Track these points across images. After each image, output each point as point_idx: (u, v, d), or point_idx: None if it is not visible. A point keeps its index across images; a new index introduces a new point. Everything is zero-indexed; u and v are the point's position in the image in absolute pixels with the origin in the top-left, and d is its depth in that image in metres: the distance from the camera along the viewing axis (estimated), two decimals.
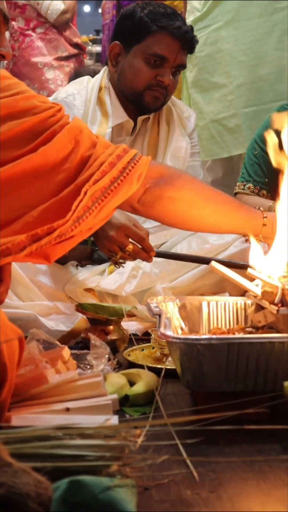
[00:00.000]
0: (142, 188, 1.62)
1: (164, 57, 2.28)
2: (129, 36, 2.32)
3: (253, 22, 3.05)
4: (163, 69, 2.30)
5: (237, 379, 1.30)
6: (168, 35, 2.28)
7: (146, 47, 2.29)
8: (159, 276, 2.16)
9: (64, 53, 4.11)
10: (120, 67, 2.36)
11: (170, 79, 2.30)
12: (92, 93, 2.38)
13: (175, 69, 2.34)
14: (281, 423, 1.22)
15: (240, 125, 3.09)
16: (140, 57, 2.30)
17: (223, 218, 1.74)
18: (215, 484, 1.07)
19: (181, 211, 1.70)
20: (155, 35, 2.29)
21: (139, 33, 2.30)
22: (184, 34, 2.30)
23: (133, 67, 2.31)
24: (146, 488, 1.04)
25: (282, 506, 1.00)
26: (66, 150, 1.49)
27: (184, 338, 1.31)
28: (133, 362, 1.70)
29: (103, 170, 1.50)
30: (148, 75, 2.30)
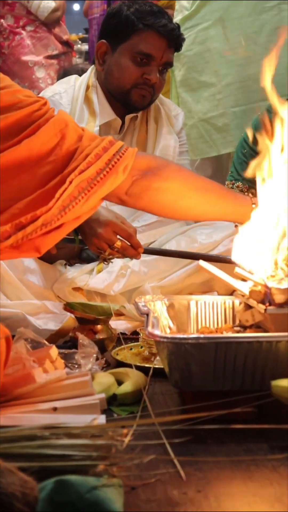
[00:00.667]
0: (130, 180, 1.63)
1: (150, 55, 2.28)
2: (115, 34, 2.32)
3: (242, 21, 3.05)
4: (150, 67, 2.29)
5: (225, 378, 1.30)
6: (154, 33, 2.28)
7: (132, 45, 2.29)
8: (148, 275, 2.16)
9: (54, 51, 4.09)
10: (107, 65, 2.36)
11: (157, 77, 2.30)
12: (79, 92, 2.38)
13: (162, 67, 2.33)
14: (268, 423, 1.22)
15: (228, 124, 3.09)
16: (127, 55, 2.30)
17: (211, 206, 1.75)
18: (202, 484, 1.07)
19: (169, 201, 1.70)
20: (142, 34, 2.29)
21: (126, 31, 2.30)
22: (170, 32, 2.30)
23: (120, 65, 2.31)
24: (133, 487, 1.04)
25: (268, 505, 1.00)
26: (51, 143, 1.50)
27: (171, 337, 1.31)
28: (121, 361, 1.70)
29: (89, 161, 1.51)
30: (135, 73, 2.29)
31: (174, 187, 1.68)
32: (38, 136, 1.49)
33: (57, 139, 1.51)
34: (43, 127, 1.50)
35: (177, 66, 3.21)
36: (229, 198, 1.75)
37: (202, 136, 3.17)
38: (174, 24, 2.38)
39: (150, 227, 2.32)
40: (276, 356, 1.29)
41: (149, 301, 1.61)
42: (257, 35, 3.05)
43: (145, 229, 2.31)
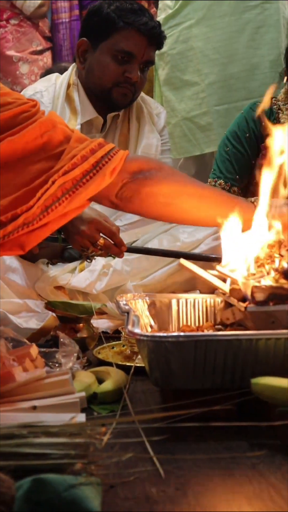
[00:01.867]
0: (120, 183, 1.61)
1: (131, 53, 2.28)
2: (96, 32, 2.32)
3: (225, 20, 3.06)
4: (131, 66, 2.29)
5: (205, 376, 1.30)
6: (135, 31, 2.28)
7: (113, 43, 2.29)
8: (130, 274, 2.16)
9: (38, 46, 4.07)
10: (87, 64, 2.36)
11: (138, 76, 2.30)
12: (60, 90, 2.38)
13: (143, 65, 2.34)
14: (248, 421, 1.22)
15: (211, 123, 3.09)
16: (108, 53, 2.30)
17: (205, 212, 1.69)
18: (180, 482, 1.07)
19: (160, 205, 1.67)
20: (122, 31, 2.29)
21: (106, 29, 2.29)
22: (151, 30, 2.30)
23: (101, 63, 2.31)
24: (111, 485, 1.04)
25: (246, 502, 1.00)
26: (36, 142, 1.49)
27: (151, 335, 1.31)
28: (103, 360, 1.69)
29: (74, 163, 1.50)
30: (116, 71, 2.30)
31: (165, 191, 1.64)
32: (22, 135, 1.48)
33: (42, 140, 1.50)
34: (29, 127, 1.49)
35: (161, 65, 3.21)
36: (227, 205, 1.65)
37: (185, 135, 3.17)
38: (155, 22, 2.38)
39: (132, 226, 2.32)
40: (256, 354, 1.29)
41: (130, 300, 1.61)
42: (240, 34, 3.06)
43: (128, 227, 2.31)
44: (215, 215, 1.59)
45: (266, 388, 1.22)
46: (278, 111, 2.58)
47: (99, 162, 1.53)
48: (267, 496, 1.02)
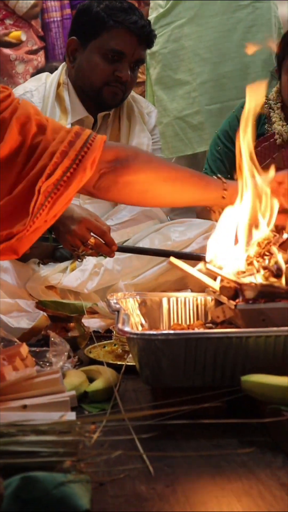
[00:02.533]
0: (97, 174, 1.59)
1: (121, 52, 2.28)
2: (86, 31, 2.32)
3: (216, 19, 3.06)
4: (121, 65, 2.29)
5: (195, 374, 1.30)
6: (125, 30, 2.28)
7: (103, 42, 2.29)
8: (121, 273, 2.16)
9: (34, 46, 4.06)
10: (77, 63, 2.36)
11: (128, 75, 2.30)
12: (50, 89, 2.37)
13: (134, 64, 2.33)
14: (239, 418, 1.22)
15: (203, 122, 3.09)
16: (98, 52, 2.30)
17: (180, 195, 1.73)
18: (170, 479, 1.07)
19: (137, 193, 1.68)
20: (112, 30, 2.28)
21: (96, 28, 2.29)
22: (141, 28, 2.30)
23: (91, 62, 2.31)
24: (101, 483, 1.04)
25: (236, 499, 1.00)
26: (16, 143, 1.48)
27: (141, 334, 1.31)
28: (94, 359, 1.69)
29: (55, 162, 1.48)
30: (106, 70, 2.29)
31: (142, 179, 1.65)
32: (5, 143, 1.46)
33: (21, 138, 1.49)
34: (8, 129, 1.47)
35: (152, 64, 3.21)
36: (199, 185, 1.71)
37: (177, 134, 3.17)
38: (145, 20, 2.37)
39: (123, 225, 2.32)
40: (246, 352, 1.29)
41: (121, 299, 1.61)
42: (231, 33, 3.06)
43: (119, 227, 2.31)
44: (188, 196, 1.71)
45: (256, 386, 1.23)
46: (269, 110, 2.57)
47: (79, 154, 1.50)
48: (256, 493, 1.02)
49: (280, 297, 1.37)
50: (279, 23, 3.19)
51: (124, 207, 2.38)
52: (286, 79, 2.47)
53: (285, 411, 1.18)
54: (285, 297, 1.37)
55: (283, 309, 1.36)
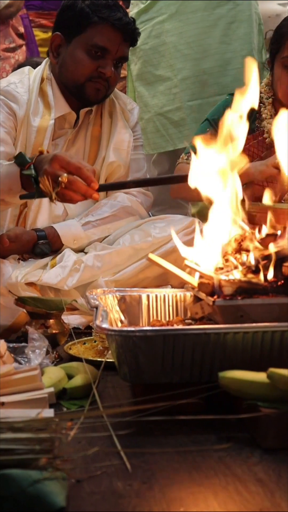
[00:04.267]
0: None
1: (105, 48, 2.27)
2: (70, 27, 2.31)
3: (197, 15, 3.05)
4: (105, 61, 2.28)
5: (173, 370, 1.30)
6: (109, 26, 2.27)
7: (87, 38, 2.28)
8: (102, 270, 2.16)
9: (11, 44, 4.03)
10: (61, 58, 2.34)
11: (111, 71, 2.29)
12: (34, 84, 2.36)
13: (117, 61, 2.32)
14: (217, 414, 1.22)
15: (185, 119, 3.09)
16: (82, 48, 2.28)
17: None
18: (147, 475, 1.07)
19: None
20: (96, 26, 2.27)
21: (80, 24, 2.28)
22: (125, 25, 2.29)
23: (74, 58, 2.29)
24: (78, 480, 1.04)
25: (212, 495, 1.01)
26: None
27: (119, 330, 1.31)
28: (74, 355, 1.69)
29: None
30: (90, 66, 2.28)
31: None
32: None
33: None
34: None
35: (133, 60, 3.20)
36: None
37: (158, 130, 3.16)
38: (130, 18, 2.37)
39: (104, 221, 2.32)
40: (224, 348, 1.30)
41: (100, 295, 1.61)
42: (212, 29, 3.06)
43: (99, 223, 2.30)
44: None
45: (233, 382, 1.23)
46: (260, 105, 2.55)
47: None
48: (232, 488, 1.03)
49: (258, 293, 1.38)
50: (260, 19, 3.20)
51: (105, 203, 2.38)
52: (279, 72, 2.46)
53: (262, 407, 1.18)
54: (263, 293, 1.38)
55: (261, 305, 1.36)
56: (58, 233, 2.27)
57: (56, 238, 2.27)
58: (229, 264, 1.43)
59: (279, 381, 1.18)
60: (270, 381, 1.19)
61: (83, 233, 2.29)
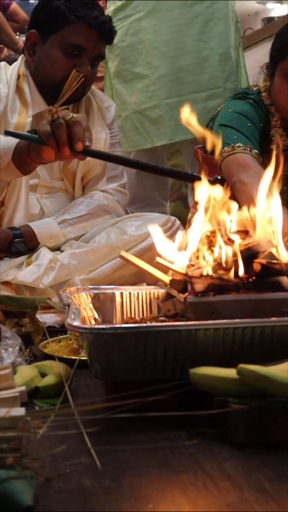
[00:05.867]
0: None
1: (81, 47, 2.27)
2: (46, 25, 2.30)
3: (174, 13, 3.06)
4: (81, 60, 2.28)
5: (145, 368, 1.30)
6: (85, 25, 2.27)
7: (63, 36, 2.28)
8: (77, 268, 2.16)
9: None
10: (37, 56, 2.34)
11: (88, 70, 2.29)
12: (11, 80, 2.35)
13: (94, 59, 2.32)
14: (189, 410, 1.23)
15: (162, 116, 3.10)
16: (58, 47, 2.28)
17: None
18: (117, 473, 1.07)
19: None
20: (72, 25, 2.27)
21: (56, 22, 2.28)
22: (102, 24, 2.29)
23: (51, 57, 2.29)
24: (47, 478, 1.04)
25: (180, 491, 1.01)
26: None
27: (90, 328, 1.31)
28: (48, 354, 1.69)
29: None
30: (66, 65, 2.28)
31: None
32: None
33: None
34: None
35: (111, 58, 3.21)
36: None
37: (136, 128, 3.17)
38: (106, 16, 2.37)
39: (81, 219, 2.32)
40: (195, 345, 1.30)
41: (74, 293, 1.61)
42: (189, 27, 3.07)
43: (76, 221, 2.31)
44: None
45: (204, 378, 1.23)
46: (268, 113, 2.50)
47: None
48: (201, 484, 1.03)
49: (229, 290, 1.38)
50: (237, 17, 3.21)
51: (81, 201, 2.38)
52: (280, 82, 2.40)
53: (232, 403, 1.18)
54: (234, 289, 1.38)
55: (232, 302, 1.37)
56: (34, 231, 2.27)
57: (32, 237, 2.27)
58: (201, 261, 1.43)
59: (248, 377, 1.18)
60: (240, 377, 1.20)
61: (60, 231, 2.29)
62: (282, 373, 1.18)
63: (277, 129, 2.44)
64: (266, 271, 1.41)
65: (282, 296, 1.39)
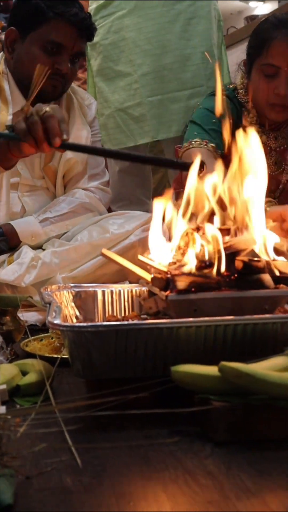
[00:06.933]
0: None
1: (61, 44, 2.26)
2: (25, 22, 2.29)
3: (157, 11, 3.05)
4: (61, 57, 2.27)
5: (127, 365, 1.30)
6: (64, 22, 2.26)
7: (42, 34, 2.26)
8: (59, 266, 2.15)
9: None
10: (16, 54, 2.33)
11: (68, 67, 2.28)
12: None
13: (73, 57, 2.31)
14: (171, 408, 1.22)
15: (145, 114, 3.08)
16: (37, 44, 2.27)
17: None
18: (97, 470, 1.07)
19: None
20: (52, 22, 2.26)
21: (35, 19, 2.27)
22: (81, 21, 2.28)
23: (30, 54, 2.28)
24: (27, 477, 1.03)
25: (161, 488, 1.01)
26: None
27: (71, 326, 1.31)
28: (30, 352, 1.68)
29: None
30: (45, 63, 2.26)
31: None
32: None
33: None
34: None
35: (93, 55, 3.19)
36: None
37: (119, 126, 3.16)
38: (86, 13, 2.36)
39: (62, 218, 2.31)
40: (176, 342, 1.30)
41: (55, 291, 1.60)
42: (172, 25, 3.06)
43: (58, 219, 2.30)
44: None
45: (185, 376, 1.23)
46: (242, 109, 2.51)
47: None
48: (182, 481, 1.03)
49: (211, 288, 1.38)
50: (219, 16, 3.21)
51: (63, 199, 2.37)
52: (257, 78, 2.42)
53: (214, 400, 1.18)
54: (216, 287, 1.38)
55: (214, 299, 1.37)
56: (15, 230, 2.26)
57: (14, 235, 2.26)
58: (183, 258, 1.43)
59: (230, 374, 1.18)
60: (221, 374, 1.20)
61: (41, 229, 2.28)
62: (263, 371, 1.18)
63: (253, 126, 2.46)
64: (248, 268, 1.41)
65: (264, 294, 1.40)
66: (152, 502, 0.97)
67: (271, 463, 1.08)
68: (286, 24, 2.39)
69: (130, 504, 0.96)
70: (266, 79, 2.39)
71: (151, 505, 0.96)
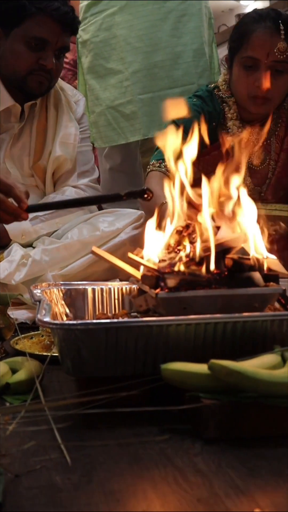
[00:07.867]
0: None
1: (45, 39, 2.25)
2: (7, 19, 2.28)
3: (148, 8, 3.05)
4: (45, 53, 2.26)
5: (117, 363, 1.30)
6: (47, 17, 2.25)
7: (25, 30, 2.25)
8: (49, 264, 2.15)
9: None
10: (1, 51, 2.32)
11: (53, 63, 2.27)
12: None
13: (58, 51, 2.31)
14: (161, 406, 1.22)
15: (136, 112, 3.08)
16: (21, 40, 2.26)
17: None
18: (87, 468, 1.06)
19: None
20: (34, 18, 2.25)
21: (18, 15, 2.25)
22: (64, 15, 2.27)
23: (14, 51, 2.27)
24: (16, 475, 1.03)
25: (151, 486, 1.01)
26: None
27: (61, 323, 1.30)
28: (19, 350, 1.68)
29: None
30: (30, 59, 2.26)
31: None
32: None
33: None
34: None
35: (84, 53, 3.19)
36: None
37: (110, 124, 3.15)
38: (68, 7, 2.35)
39: (52, 216, 2.31)
40: (166, 340, 1.30)
41: (45, 289, 1.60)
42: (163, 22, 3.06)
43: (48, 217, 2.30)
44: None
45: (175, 374, 1.23)
46: (223, 105, 2.52)
47: None
48: (172, 479, 1.03)
49: (201, 285, 1.38)
50: (210, 13, 3.21)
51: (52, 197, 2.37)
52: (238, 72, 2.45)
53: (204, 398, 1.18)
54: (206, 285, 1.38)
55: (204, 297, 1.37)
56: (5, 228, 2.25)
57: (4, 233, 2.25)
58: (172, 256, 1.43)
59: (220, 372, 1.18)
60: (211, 372, 1.20)
61: (31, 228, 2.28)
62: (253, 368, 1.18)
63: (234, 121, 2.48)
64: (238, 266, 1.41)
65: (254, 292, 1.40)
66: (141, 500, 0.97)
67: (261, 461, 1.09)
68: (265, 17, 2.42)
69: (119, 502, 0.96)
70: (246, 72, 2.42)
71: (141, 503, 0.96)
